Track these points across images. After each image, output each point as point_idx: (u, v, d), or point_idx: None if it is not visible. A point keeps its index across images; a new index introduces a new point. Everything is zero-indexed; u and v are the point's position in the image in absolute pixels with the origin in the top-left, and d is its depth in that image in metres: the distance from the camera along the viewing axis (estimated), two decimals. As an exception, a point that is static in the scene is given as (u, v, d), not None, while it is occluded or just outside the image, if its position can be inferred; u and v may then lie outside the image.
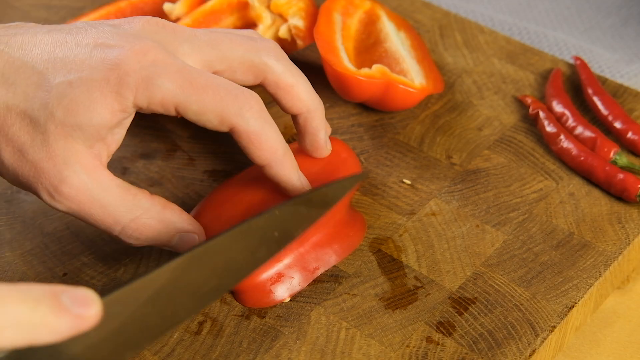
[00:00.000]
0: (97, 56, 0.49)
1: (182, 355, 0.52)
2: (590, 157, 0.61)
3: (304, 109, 0.55)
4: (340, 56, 0.64)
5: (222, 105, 0.50)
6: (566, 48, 0.77)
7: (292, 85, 0.55)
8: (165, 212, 0.52)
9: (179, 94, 0.49)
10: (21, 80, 0.49)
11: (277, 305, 0.54)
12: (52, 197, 0.50)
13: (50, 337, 0.36)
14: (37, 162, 0.49)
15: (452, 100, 0.68)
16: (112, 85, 0.48)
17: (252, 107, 0.51)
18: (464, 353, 0.52)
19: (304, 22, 0.67)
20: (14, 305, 0.35)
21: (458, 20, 0.75)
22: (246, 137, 0.51)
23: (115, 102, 0.49)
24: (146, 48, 0.49)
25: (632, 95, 0.68)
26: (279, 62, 0.55)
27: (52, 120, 0.48)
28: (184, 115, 0.50)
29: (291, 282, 0.55)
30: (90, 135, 0.49)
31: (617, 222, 0.59)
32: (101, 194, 0.50)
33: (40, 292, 0.36)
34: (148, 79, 0.49)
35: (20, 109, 0.49)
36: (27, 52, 0.50)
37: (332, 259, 0.56)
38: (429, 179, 0.62)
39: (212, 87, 0.50)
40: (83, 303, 0.37)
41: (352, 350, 0.52)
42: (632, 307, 0.60)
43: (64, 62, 0.49)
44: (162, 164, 0.63)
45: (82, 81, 0.48)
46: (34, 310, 0.35)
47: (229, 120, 0.50)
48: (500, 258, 0.57)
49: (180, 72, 0.49)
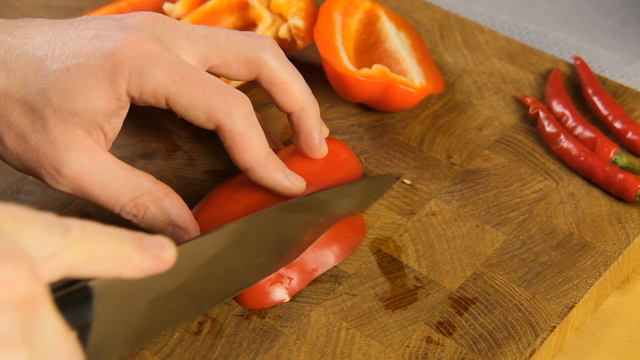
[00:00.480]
0: (95, 45, 0.51)
1: (182, 355, 0.52)
2: (590, 157, 0.61)
3: (298, 107, 0.56)
4: (340, 56, 0.64)
5: (211, 102, 0.51)
6: (566, 48, 0.77)
7: (287, 82, 0.55)
8: (164, 200, 0.53)
9: (170, 86, 0.50)
10: (21, 67, 0.51)
11: (277, 306, 0.54)
12: (56, 180, 0.51)
13: (134, 272, 0.40)
14: (39, 147, 0.51)
15: (452, 100, 0.68)
16: (107, 72, 0.50)
17: (241, 108, 0.51)
18: (464, 353, 0.52)
19: (304, 22, 0.67)
20: (106, 240, 0.39)
21: (458, 20, 0.75)
22: (230, 137, 0.52)
23: (109, 89, 0.50)
24: (143, 38, 0.51)
25: (632, 95, 0.68)
26: (274, 58, 0.55)
27: (49, 105, 0.50)
28: (173, 109, 0.51)
29: (289, 283, 0.55)
30: (86, 121, 0.50)
31: (617, 222, 0.59)
32: (103, 176, 0.51)
33: (126, 233, 0.40)
34: (141, 69, 0.50)
35: (19, 95, 0.50)
36: (28, 41, 0.51)
37: (331, 261, 0.56)
38: (429, 179, 0.62)
39: (203, 83, 0.51)
40: (161, 246, 0.41)
41: (352, 351, 0.52)
42: (632, 307, 0.60)
43: (63, 50, 0.51)
44: (162, 164, 0.63)
45: (79, 67, 0.50)
46: (122, 246, 0.39)
47: (216, 118, 0.51)
48: (500, 258, 0.57)
49: (174, 66, 0.51)
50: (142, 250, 0.40)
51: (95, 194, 0.52)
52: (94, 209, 0.60)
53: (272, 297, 0.54)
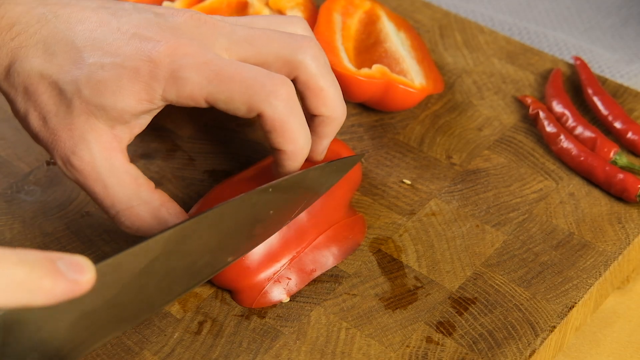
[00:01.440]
0: (133, 45, 0.51)
1: (182, 355, 0.52)
2: (590, 157, 0.61)
3: (326, 114, 0.55)
4: (341, 56, 0.64)
5: (250, 92, 0.50)
6: (566, 48, 0.77)
7: (322, 89, 0.54)
8: (161, 210, 0.53)
9: (206, 85, 0.50)
10: (61, 52, 0.51)
11: (277, 305, 0.55)
12: (65, 165, 0.52)
13: (46, 299, 0.37)
14: (56, 130, 0.51)
15: (452, 100, 0.68)
16: (142, 76, 0.50)
17: (281, 94, 0.51)
18: (464, 353, 0.52)
19: (303, 16, 0.67)
20: (12, 268, 0.36)
21: (458, 20, 0.75)
22: (271, 124, 0.51)
23: (142, 91, 0.50)
24: (182, 45, 0.51)
25: (632, 95, 0.68)
26: (313, 62, 0.54)
27: (78, 95, 0.51)
28: (215, 106, 0.51)
29: (288, 283, 0.55)
30: (112, 117, 0.51)
31: (617, 222, 0.59)
32: (106, 175, 0.52)
33: (37, 257, 0.37)
34: (175, 73, 0.50)
35: (52, 79, 0.51)
36: (71, 27, 0.52)
37: (330, 262, 0.56)
38: (429, 179, 0.62)
39: (239, 75, 0.50)
40: (78, 269, 0.38)
41: (352, 351, 0.52)
42: (632, 307, 0.60)
43: (102, 44, 0.51)
44: (162, 164, 0.63)
45: (114, 66, 0.50)
46: (31, 273, 0.36)
47: (256, 108, 0.51)
48: (500, 258, 0.57)
49: (207, 64, 0.50)
50: (55, 275, 0.37)
51: (96, 190, 0.52)
52: (94, 209, 0.60)
53: (270, 297, 0.54)
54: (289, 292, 0.55)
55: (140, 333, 0.53)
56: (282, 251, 0.55)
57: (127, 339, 0.53)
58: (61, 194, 0.61)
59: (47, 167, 0.62)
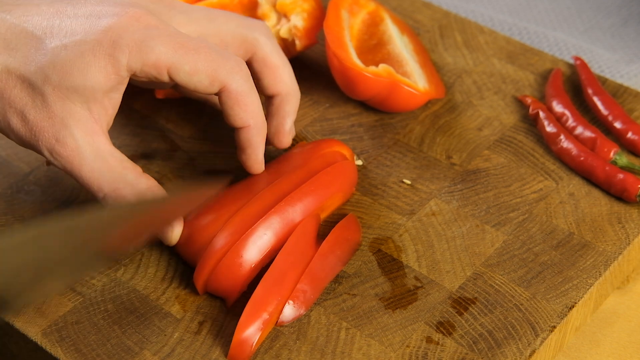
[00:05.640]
0: (92, 21, 0.52)
1: (182, 355, 0.52)
2: (590, 157, 0.61)
3: (284, 91, 0.58)
4: (349, 52, 0.65)
5: (214, 65, 0.52)
6: (566, 48, 0.77)
7: (278, 66, 0.58)
8: (147, 193, 0.53)
9: (172, 56, 0.51)
10: (21, 45, 0.52)
11: (277, 305, 0.54)
12: (51, 154, 0.52)
13: None
14: (38, 122, 0.52)
15: (452, 101, 0.68)
16: (105, 48, 0.51)
17: (242, 69, 0.53)
18: (464, 353, 0.52)
19: (304, 23, 0.67)
20: None
21: (458, 20, 0.75)
22: (234, 98, 0.53)
23: (108, 64, 0.51)
24: (139, 14, 0.52)
25: (632, 95, 0.68)
26: (269, 41, 0.57)
27: (48, 82, 0.51)
28: (175, 78, 0.52)
29: (304, 296, 0.54)
30: (86, 97, 0.51)
31: (617, 222, 0.59)
32: (91, 158, 0.52)
33: None
34: (141, 42, 0.51)
35: (19, 72, 0.51)
36: (28, 19, 0.52)
37: (338, 265, 0.56)
38: (429, 179, 0.62)
39: (204, 49, 0.52)
40: None
41: (352, 350, 0.52)
42: (632, 307, 0.60)
43: (61, 28, 0.52)
44: (162, 164, 0.63)
45: (76, 44, 0.51)
46: None
47: (219, 80, 0.52)
48: (500, 258, 0.57)
49: (172, 36, 0.52)
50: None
51: (82, 175, 0.52)
52: (94, 209, 0.60)
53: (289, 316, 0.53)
54: (307, 304, 0.54)
55: (140, 333, 0.53)
56: (267, 298, 0.52)
57: (127, 339, 0.53)
58: (61, 194, 0.61)
59: (47, 167, 0.62)
